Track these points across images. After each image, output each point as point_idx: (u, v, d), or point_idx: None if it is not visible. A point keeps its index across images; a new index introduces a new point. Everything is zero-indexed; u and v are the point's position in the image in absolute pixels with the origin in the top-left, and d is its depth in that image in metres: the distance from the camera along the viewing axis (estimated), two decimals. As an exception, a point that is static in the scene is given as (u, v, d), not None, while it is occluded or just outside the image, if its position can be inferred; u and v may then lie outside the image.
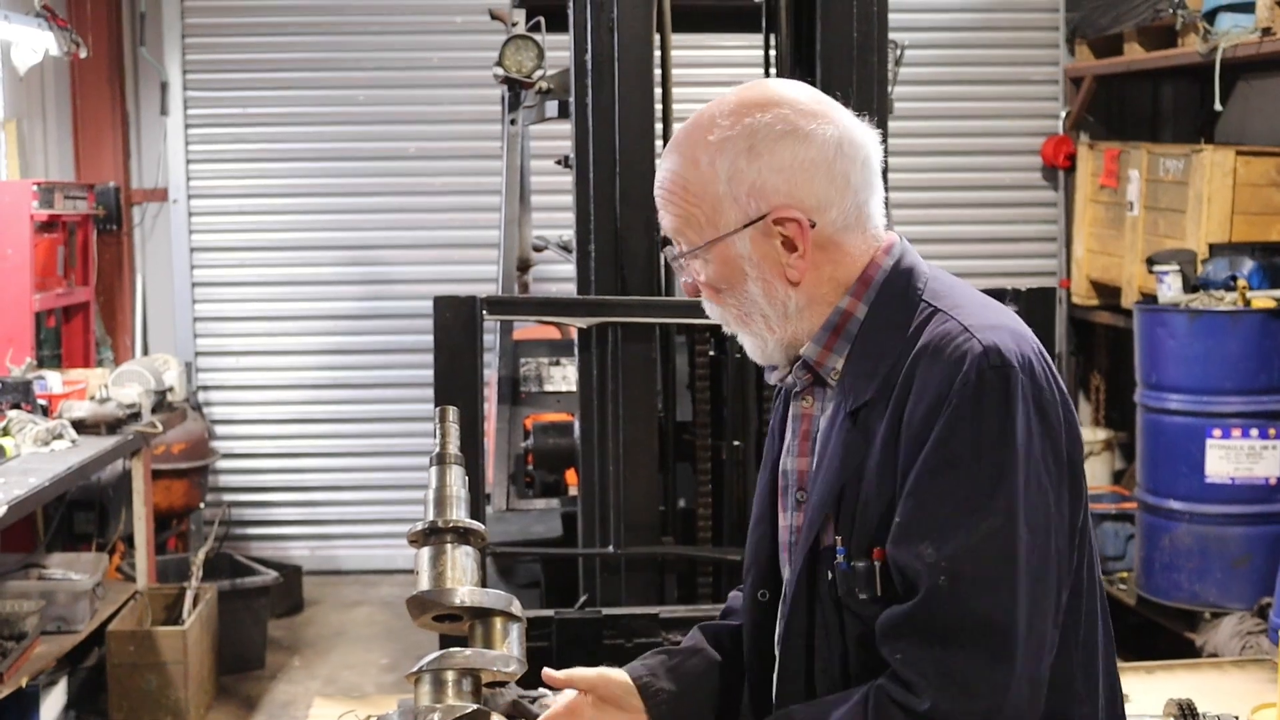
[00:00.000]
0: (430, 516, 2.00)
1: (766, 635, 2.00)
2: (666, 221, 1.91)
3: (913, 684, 1.71)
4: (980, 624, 1.69)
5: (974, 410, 1.71)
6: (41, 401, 5.48)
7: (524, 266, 5.60)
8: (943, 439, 1.72)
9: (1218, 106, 6.16)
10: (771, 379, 1.99)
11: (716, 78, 6.94)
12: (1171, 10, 6.39)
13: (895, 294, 1.86)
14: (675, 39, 4.07)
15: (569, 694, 2.10)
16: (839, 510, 1.82)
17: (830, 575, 1.82)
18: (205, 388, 7.92)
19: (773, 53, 4.17)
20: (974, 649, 1.69)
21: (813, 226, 1.84)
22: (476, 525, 2.00)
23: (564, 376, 4.73)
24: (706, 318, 1.97)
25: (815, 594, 1.86)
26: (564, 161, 4.45)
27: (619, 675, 2.06)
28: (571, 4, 3.85)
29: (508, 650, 1.95)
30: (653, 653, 2.13)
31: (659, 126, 3.96)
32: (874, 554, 1.77)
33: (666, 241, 1.95)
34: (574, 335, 3.95)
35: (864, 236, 1.88)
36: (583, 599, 3.89)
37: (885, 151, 1.93)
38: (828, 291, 1.87)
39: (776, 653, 1.95)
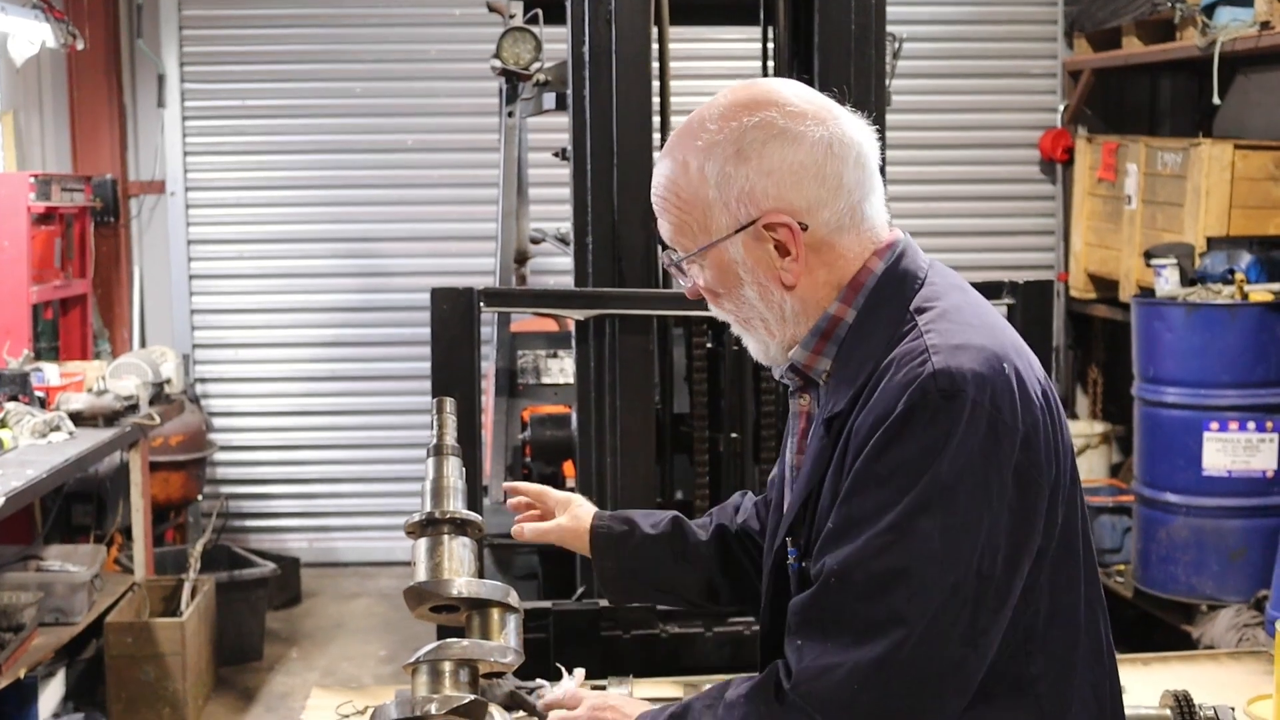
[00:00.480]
0: (427, 507, 2.00)
1: None
2: (663, 228, 1.90)
3: (790, 665, 1.78)
4: (858, 625, 1.72)
5: (906, 431, 1.71)
6: (39, 393, 5.47)
7: (521, 259, 5.60)
8: (872, 456, 1.73)
9: (1216, 100, 6.16)
10: (776, 375, 1.99)
11: (714, 70, 6.94)
12: (1170, 4, 6.39)
13: (884, 300, 1.85)
14: (673, 32, 4.07)
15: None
16: (804, 515, 1.86)
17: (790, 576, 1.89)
18: (203, 380, 7.92)
19: (770, 45, 4.17)
20: (848, 645, 1.72)
21: (804, 229, 1.83)
22: (474, 516, 2.01)
23: (561, 368, 4.73)
24: (704, 310, 1.97)
25: (785, 594, 1.91)
26: (561, 154, 4.45)
27: (580, 524, 2.28)
28: (569, -4, 3.85)
29: (505, 641, 1.95)
30: (623, 516, 2.30)
31: (656, 119, 3.96)
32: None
33: (665, 245, 1.95)
34: (571, 327, 3.95)
35: (859, 238, 1.87)
36: (580, 590, 3.89)
37: (883, 145, 1.91)
38: (823, 295, 1.87)
39: (760, 639, 2.01)
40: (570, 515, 2.28)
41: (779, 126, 1.81)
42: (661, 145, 3.98)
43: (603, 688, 2.44)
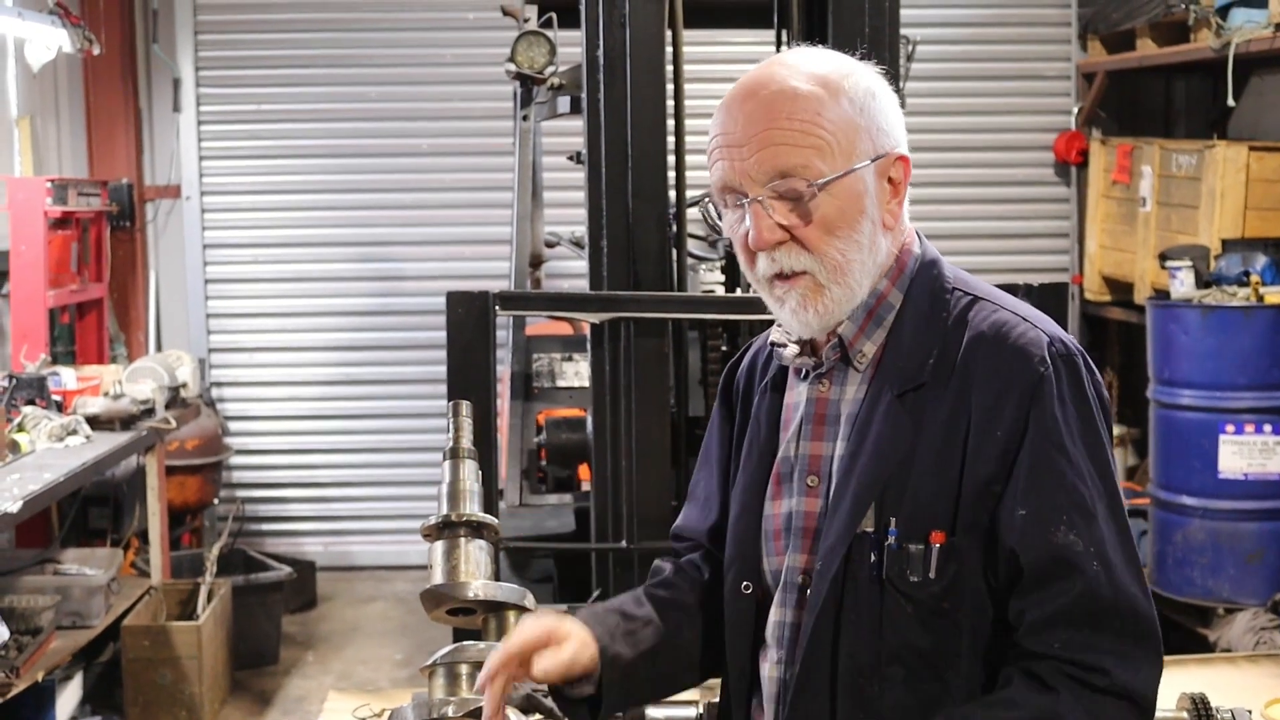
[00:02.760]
0: (444, 511, 2.00)
1: (749, 628, 1.96)
2: (785, 156, 1.79)
3: (1087, 662, 1.73)
4: (1128, 606, 1.75)
5: (1060, 397, 1.76)
6: (56, 398, 5.50)
7: (536, 262, 5.60)
8: (1042, 427, 1.75)
9: (1230, 102, 6.15)
10: (784, 358, 1.95)
11: (728, 74, 6.92)
12: (1184, 6, 6.38)
13: (927, 282, 1.88)
14: (687, 35, 4.07)
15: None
16: (884, 493, 1.81)
17: (874, 557, 1.80)
18: (218, 384, 7.95)
19: (784, 48, 4.17)
20: (1128, 624, 1.75)
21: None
22: (490, 519, 2.01)
23: (576, 372, 4.73)
24: (718, 312, 1.96)
25: (845, 577, 1.83)
26: (576, 157, 4.46)
27: (579, 635, 1.92)
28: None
29: (521, 644, 1.96)
30: (606, 610, 2.01)
31: (671, 122, 3.96)
32: (931, 537, 1.78)
33: (732, 195, 1.83)
34: (586, 331, 3.95)
35: (902, 220, 1.91)
36: (595, 594, 3.89)
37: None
38: (886, 261, 1.88)
39: (798, 638, 1.88)
40: (571, 629, 1.92)
41: (882, 80, 1.88)
42: (677, 148, 4.00)
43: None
